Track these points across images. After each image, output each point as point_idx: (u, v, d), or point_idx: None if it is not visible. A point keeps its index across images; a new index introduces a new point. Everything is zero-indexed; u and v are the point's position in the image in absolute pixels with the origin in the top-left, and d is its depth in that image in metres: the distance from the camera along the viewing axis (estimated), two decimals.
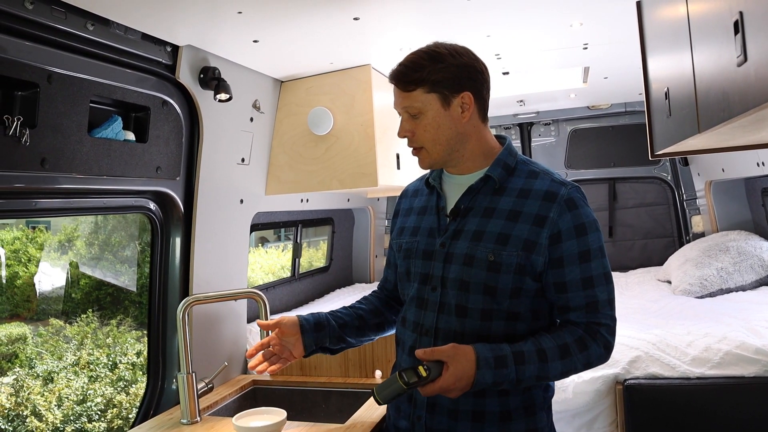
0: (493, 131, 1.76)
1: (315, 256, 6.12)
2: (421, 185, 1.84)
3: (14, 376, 8.82)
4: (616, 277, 4.44)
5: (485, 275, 1.55)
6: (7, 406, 8.23)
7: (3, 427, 8.05)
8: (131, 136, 2.20)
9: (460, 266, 1.58)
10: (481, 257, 1.56)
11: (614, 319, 1.57)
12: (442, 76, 1.57)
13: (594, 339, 1.53)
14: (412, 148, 1.68)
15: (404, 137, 1.65)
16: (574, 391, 2.59)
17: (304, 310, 3.74)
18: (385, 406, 1.84)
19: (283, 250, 11.10)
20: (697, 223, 4.67)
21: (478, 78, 1.62)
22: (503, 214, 1.58)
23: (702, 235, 4.58)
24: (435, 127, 1.60)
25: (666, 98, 1.89)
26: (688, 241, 4.64)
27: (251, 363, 1.80)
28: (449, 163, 1.67)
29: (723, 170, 4.01)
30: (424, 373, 1.44)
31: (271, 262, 10.55)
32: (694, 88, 1.54)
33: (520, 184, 1.61)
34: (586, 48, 2.85)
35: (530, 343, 1.52)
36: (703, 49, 1.43)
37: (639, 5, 2.23)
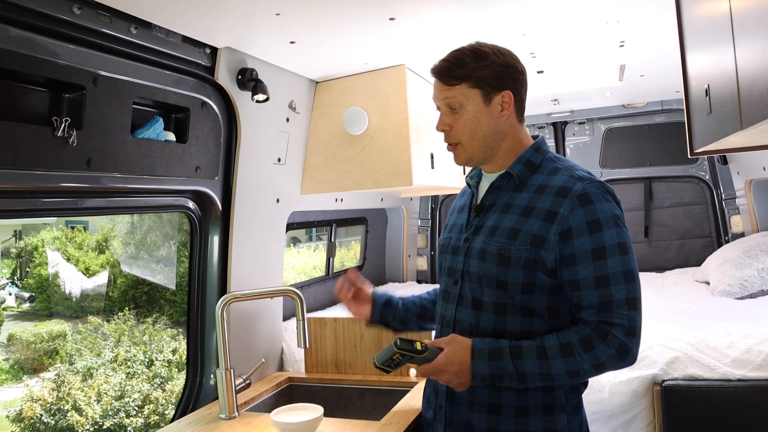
0: (527, 130, 1.78)
1: (346, 256, 6.15)
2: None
3: (55, 372, 9.05)
4: (652, 277, 4.39)
5: (496, 269, 1.59)
6: (49, 400, 8.45)
7: (46, 420, 8.26)
8: (172, 136, 2.25)
9: (476, 260, 1.64)
10: (492, 251, 1.60)
11: (633, 320, 1.50)
12: (486, 73, 1.61)
13: (603, 339, 1.49)
14: (447, 144, 1.71)
15: (442, 131, 1.68)
16: (611, 392, 2.56)
17: (340, 309, 3.77)
18: (420, 402, 1.93)
19: (314, 250, 11.19)
20: (736, 223, 4.57)
21: (519, 78, 1.67)
22: (518, 210, 1.62)
23: (741, 235, 4.48)
24: (474, 123, 1.63)
25: (706, 95, 1.86)
26: (727, 242, 4.54)
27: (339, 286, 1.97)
28: (485, 161, 1.71)
29: (764, 168, 3.92)
30: (419, 347, 1.56)
31: (303, 262, 10.64)
32: (736, 84, 1.51)
33: (540, 181, 1.64)
34: (622, 45, 2.82)
35: (532, 340, 1.54)
36: (747, 44, 1.41)
37: (678, 1, 2.20)
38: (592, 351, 1.49)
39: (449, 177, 3.46)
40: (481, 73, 1.61)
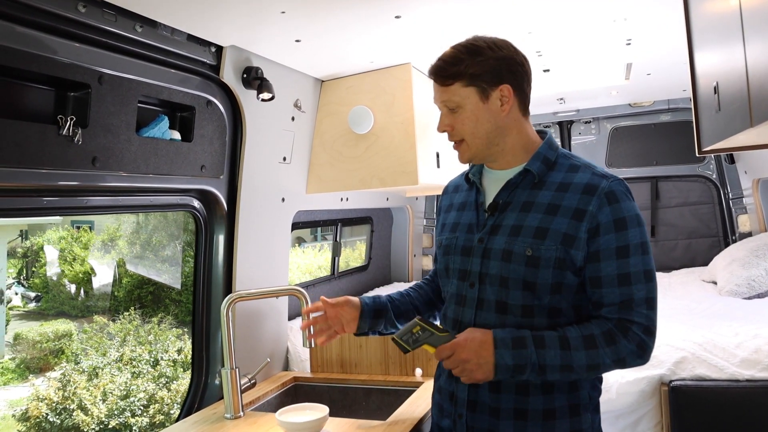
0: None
1: (351, 256, 6.16)
2: (461, 181, 1.83)
3: (61, 371, 9.07)
4: (659, 277, 4.32)
5: (524, 270, 1.53)
6: (55, 399, 8.47)
7: (51, 419, 8.28)
8: (177, 135, 2.25)
9: (499, 262, 1.57)
10: (519, 252, 1.54)
11: (651, 320, 1.50)
12: (480, 69, 1.57)
13: (624, 335, 1.48)
14: (453, 142, 1.67)
15: (443, 131, 1.65)
16: (618, 392, 2.54)
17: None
18: (429, 405, 1.87)
19: (319, 250, 11.20)
20: (743, 222, 4.54)
21: (518, 70, 1.61)
22: (542, 208, 1.56)
23: (749, 234, 4.46)
24: (473, 121, 1.59)
25: (715, 92, 1.84)
26: (734, 241, 4.52)
27: (304, 325, 1.93)
28: (489, 157, 1.66)
29: None
30: (440, 326, 1.53)
31: (308, 262, 10.65)
32: (746, 81, 1.50)
33: (560, 178, 1.59)
34: (629, 44, 2.81)
35: (553, 331, 1.50)
36: (757, 41, 1.40)
37: None
38: (615, 345, 1.48)
39: (455, 175, 3.44)
40: (475, 70, 1.56)
